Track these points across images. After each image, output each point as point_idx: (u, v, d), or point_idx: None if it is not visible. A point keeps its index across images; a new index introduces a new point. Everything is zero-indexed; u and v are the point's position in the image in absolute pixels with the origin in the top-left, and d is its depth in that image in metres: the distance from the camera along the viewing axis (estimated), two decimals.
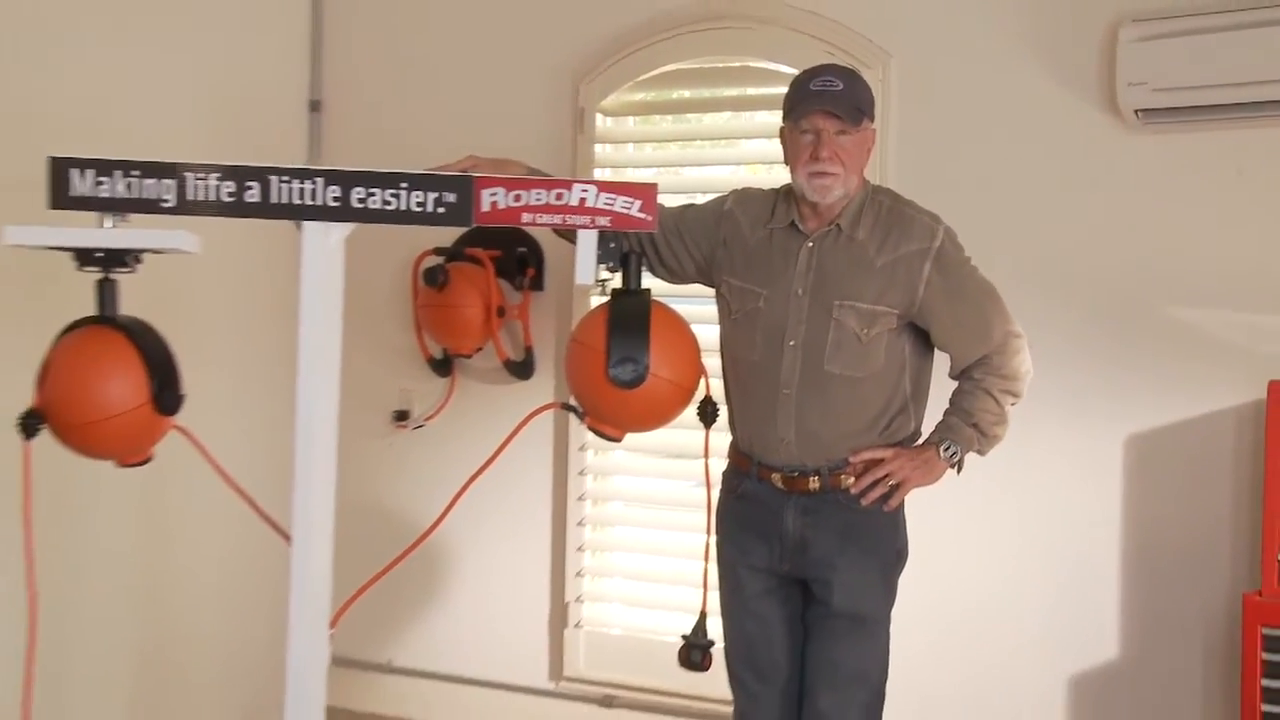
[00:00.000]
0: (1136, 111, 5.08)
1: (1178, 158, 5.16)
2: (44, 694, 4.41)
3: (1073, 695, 5.42)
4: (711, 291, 4.58)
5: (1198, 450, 5.18)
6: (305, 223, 4.08)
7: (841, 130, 4.21)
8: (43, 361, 4.14)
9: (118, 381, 4.12)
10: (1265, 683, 4.62)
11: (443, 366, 6.63)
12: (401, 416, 6.76)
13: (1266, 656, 4.62)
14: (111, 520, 6.09)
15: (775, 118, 4.38)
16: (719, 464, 4.50)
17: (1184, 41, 4.93)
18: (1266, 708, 4.62)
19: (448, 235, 6.34)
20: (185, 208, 4.05)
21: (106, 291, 4.17)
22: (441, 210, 4.06)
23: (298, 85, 7.00)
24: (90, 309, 4.18)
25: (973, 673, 5.53)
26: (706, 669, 4.38)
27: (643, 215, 3.97)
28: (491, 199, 4.03)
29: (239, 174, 4.05)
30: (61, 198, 4.04)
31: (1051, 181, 5.39)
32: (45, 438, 4.11)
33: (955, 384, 4.43)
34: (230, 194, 4.06)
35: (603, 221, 3.98)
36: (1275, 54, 4.77)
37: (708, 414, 4.21)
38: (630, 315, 4.10)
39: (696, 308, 4.48)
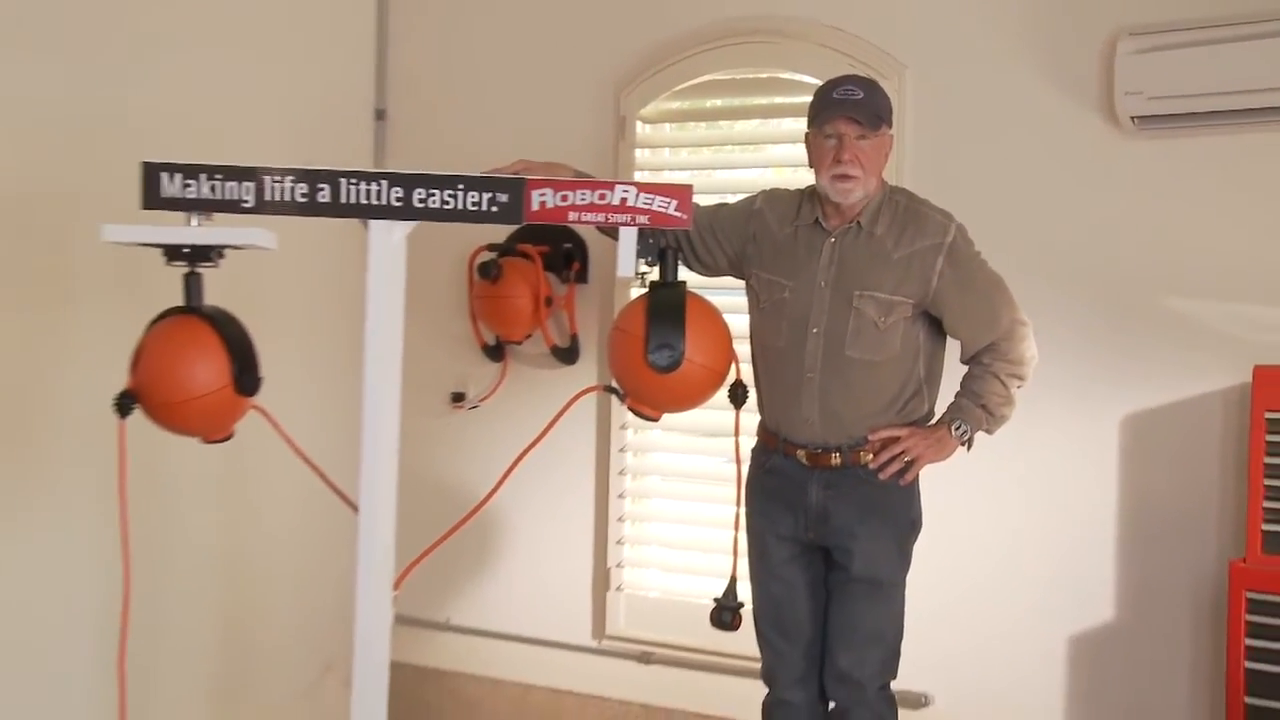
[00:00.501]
0: (1133, 118, 5.06)
1: (1171, 161, 5.14)
2: (137, 649, 4.45)
3: (1072, 654, 5.41)
4: (742, 283, 4.62)
5: (1188, 430, 5.17)
6: (371, 221, 4.11)
7: (861, 135, 4.25)
8: (135, 347, 4.20)
9: (202, 365, 4.16)
10: (1249, 642, 4.61)
11: (495, 352, 6.64)
12: (458, 398, 6.76)
13: (1250, 618, 4.62)
14: (197, 492, 6.15)
15: (801, 124, 4.47)
16: (748, 441, 4.48)
17: (1178, 53, 4.92)
18: (1250, 665, 4.61)
19: (500, 232, 6.33)
20: (263, 207, 4.10)
21: (193, 284, 4.22)
22: (495, 209, 4.08)
23: (364, 96, 7.03)
24: (177, 300, 4.22)
25: (980, 633, 5.52)
26: (736, 629, 4.41)
27: (679, 214, 3.99)
28: (540, 199, 4.04)
29: (311, 177, 4.09)
30: (153, 199, 4.09)
31: (1054, 182, 5.37)
32: (138, 417, 4.16)
33: (965, 368, 4.46)
34: (303, 195, 4.10)
35: (642, 220, 4.00)
36: (1263, 65, 4.75)
37: (738, 396, 4.20)
38: (667, 305, 4.12)
39: (728, 298, 4.48)
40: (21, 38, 5.69)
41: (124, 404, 4.15)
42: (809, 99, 4.39)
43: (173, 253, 4.17)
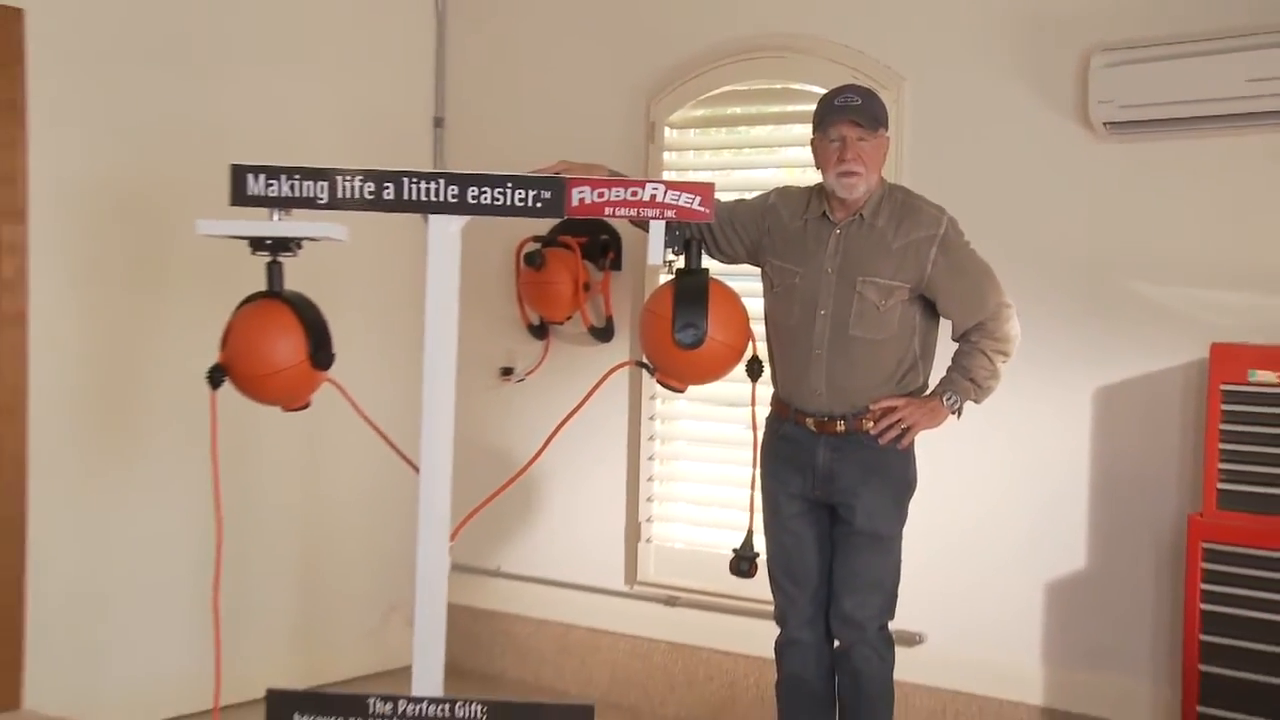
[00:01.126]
0: (1105, 124, 5.06)
1: (1139, 162, 5.14)
2: (228, 591, 4.51)
3: (1048, 598, 5.41)
4: (758, 270, 4.62)
5: (1152, 400, 5.17)
6: (431, 216, 4.16)
7: (862, 137, 4.26)
8: (225, 327, 4.25)
9: (283, 343, 4.23)
10: (1204, 587, 4.65)
11: (539, 332, 6.66)
12: (507, 372, 6.78)
13: (1206, 566, 4.65)
14: (278, 454, 6.26)
15: (809, 130, 4.41)
16: (763, 411, 4.50)
17: (1145, 67, 4.93)
18: (1205, 606, 4.64)
19: (544, 225, 6.38)
20: (335, 204, 4.15)
21: (274, 271, 4.28)
22: (539, 205, 4.12)
23: (424, 106, 7.06)
24: (261, 286, 4.27)
25: (968, 579, 5.53)
26: (752, 576, 4.44)
27: (702, 209, 4.04)
28: (580, 196, 4.08)
29: (378, 177, 4.14)
30: (240, 196, 4.15)
31: (1035, 180, 5.37)
32: (227, 388, 4.23)
33: (956, 345, 4.45)
34: (371, 193, 4.15)
35: (669, 214, 4.04)
36: (1219, 78, 4.74)
37: (754, 370, 4.26)
38: (692, 289, 4.15)
39: (746, 284, 4.51)
40: (135, 62, 5.81)
41: (215, 377, 4.22)
42: (814, 110, 4.41)
43: (257, 244, 4.24)
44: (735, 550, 4.43)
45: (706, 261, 4.29)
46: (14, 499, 5.58)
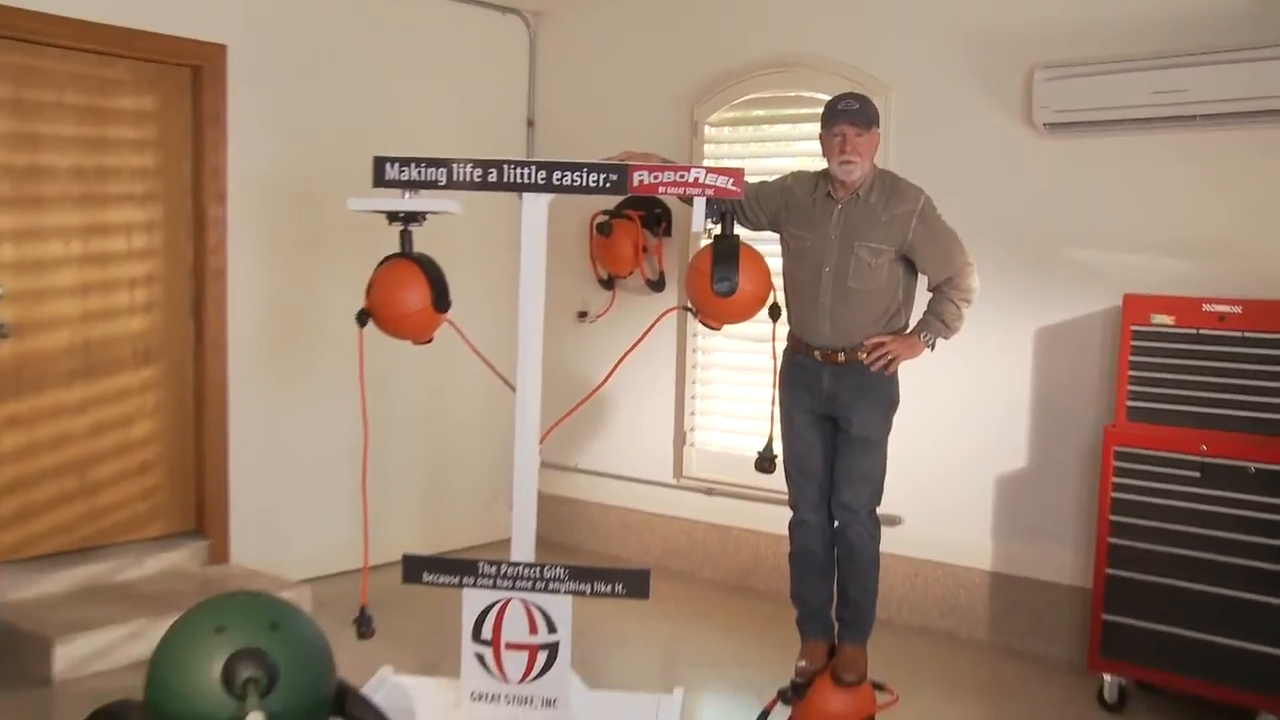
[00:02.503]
0: (1045, 124, 5.12)
1: (1070, 154, 5.17)
2: (373, 480, 4.66)
3: (997, 490, 5.48)
4: (777, 236, 4.57)
5: (1080, 337, 5.20)
6: (525, 194, 4.20)
7: (858, 133, 4.23)
8: (369, 280, 4.30)
9: (412, 292, 4.26)
10: (1115, 480, 4.70)
11: (607, 284, 6.71)
12: (582, 315, 6.84)
13: (1116, 464, 4.70)
14: (409, 378, 6.34)
15: (818, 127, 4.38)
16: (781, 345, 4.48)
17: (1075, 81, 4.97)
18: (1115, 495, 4.70)
19: (611, 201, 6.40)
20: (452, 185, 4.19)
21: (406, 238, 4.32)
22: (608, 185, 4.14)
23: (519, 110, 7.10)
24: (395, 249, 4.33)
25: (936, 475, 5.59)
26: (771, 472, 4.46)
27: (734, 188, 4.04)
28: (639, 178, 4.10)
29: (484, 164, 4.17)
30: (380, 180, 4.21)
31: (991, 167, 5.39)
32: (371, 328, 4.29)
33: (930, 295, 4.43)
34: (479, 176, 4.18)
35: (709, 192, 4.06)
36: (1130, 91, 4.80)
37: (775, 313, 4.28)
38: (726, 251, 4.16)
39: (768, 247, 4.50)
40: (304, 82, 5.94)
41: (361, 318, 4.29)
42: (821, 112, 4.37)
43: (392, 216, 4.30)
44: (759, 452, 4.44)
45: (737, 229, 4.30)
46: (219, 408, 5.78)
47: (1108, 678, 4.79)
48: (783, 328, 4.44)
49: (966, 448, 5.56)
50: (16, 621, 4.86)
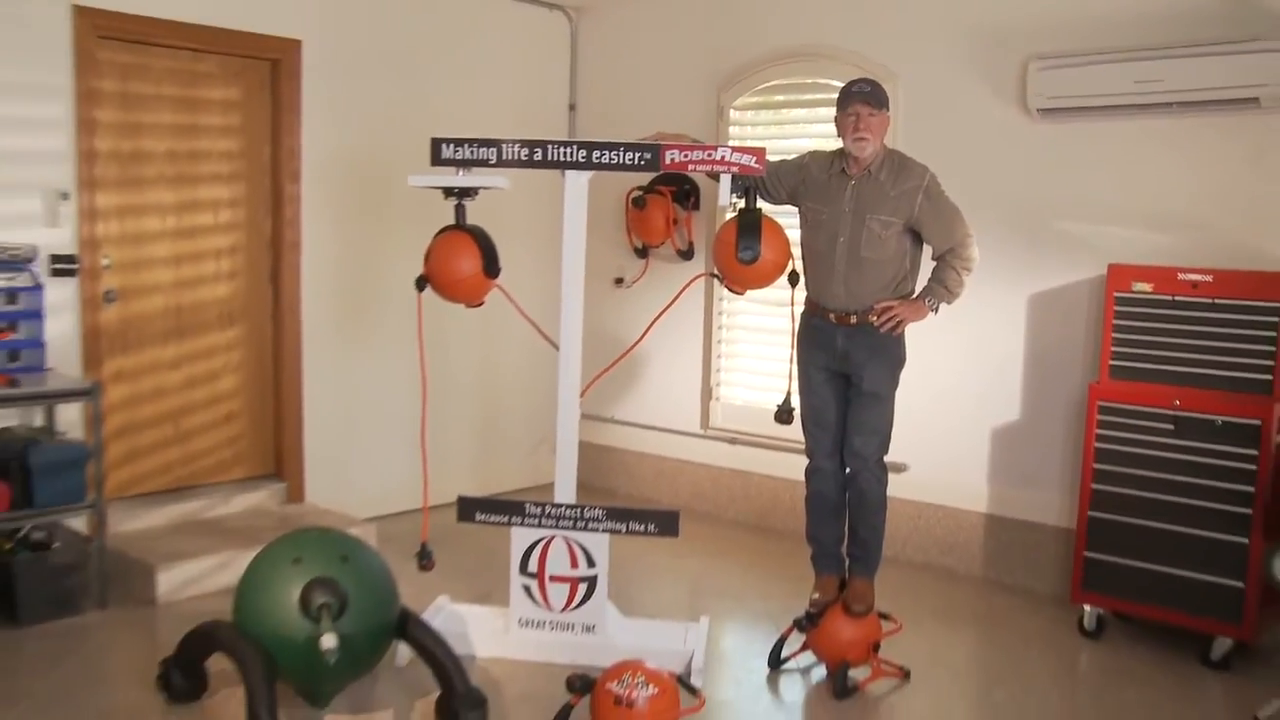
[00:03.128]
0: (1038, 110, 5.09)
1: (1061, 137, 5.14)
2: (431, 429, 4.74)
3: (993, 440, 5.48)
4: (796, 210, 4.52)
5: (1068, 303, 5.19)
6: (567, 171, 4.26)
7: (871, 114, 4.20)
8: (427, 249, 4.37)
9: (465, 260, 4.32)
10: (1098, 431, 4.72)
11: (641, 253, 6.69)
12: (619, 281, 6.82)
13: (1100, 417, 4.71)
14: (462, 338, 6.37)
15: (831, 112, 4.36)
16: (799, 308, 4.48)
17: (1065, 71, 4.95)
18: (1098, 445, 4.71)
19: (645, 178, 6.39)
20: (501, 163, 4.25)
21: (460, 211, 4.39)
22: (642, 163, 4.19)
23: (561, 95, 7.07)
24: (450, 221, 4.39)
25: (939, 427, 5.59)
26: (789, 424, 4.48)
27: (757, 166, 4.11)
28: (671, 156, 4.16)
29: (530, 144, 4.23)
30: (436, 159, 4.29)
31: (989, 148, 5.36)
32: (429, 292, 4.36)
33: (934, 263, 4.39)
34: (526, 155, 4.24)
35: (734, 169, 4.12)
36: (1115, 80, 4.79)
37: (793, 280, 4.31)
38: (749, 222, 4.21)
39: (787, 220, 4.47)
40: (370, 73, 5.96)
41: (420, 283, 4.37)
42: (837, 96, 4.33)
43: (448, 191, 4.36)
44: (778, 405, 4.47)
45: (760, 203, 4.31)
46: (294, 365, 5.85)
47: (1087, 608, 4.82)
48: (800, 293, 4.44)
49: (966, 402, 5.55)
50: (126, 550, 4.98)
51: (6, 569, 4.54)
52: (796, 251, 4.41)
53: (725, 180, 4.19)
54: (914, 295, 4.42)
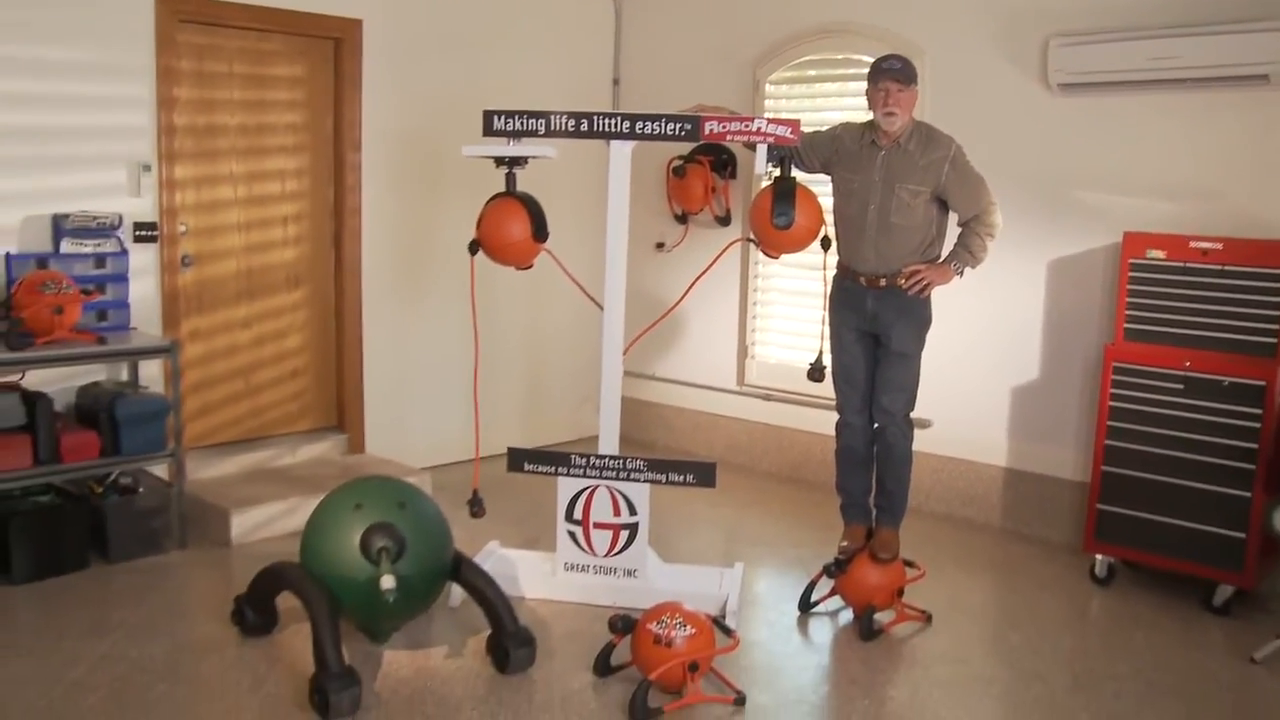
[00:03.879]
0: (1058, 85, 5.07)
1: (1079, 111, 5.11)
2: (483, 382, 4.78)
3: (1012, 398, 5.49)
4: (829, 179, 4.51)
5: (1086, 269, 5.17)
6: (612, 141, 4.28)
7: (900, 89, 4.19)
8: (479, 214, 4.41)
9: (515, 225, 4.35)
10: (1112, 391, 4.73)
11: (681, 219, 6.68)
12: (660, 245, 6.81)
13: (1114, 377, 4.72)
14: (512, 298, 6.37)
15: (862, 86, 4.37)
16: (831, 272, 4.48)
17: (1084, 48, 4.93)
18: (1112, 404, 4.72)
19: (685, 148, 6.38)
20: (550, 134, 4.27)
21: (510, 178, 4.42)
22: (682, 134, 4.21)
23: (606, 70, 7.06)
24: (501, 188, 4.41)
25: (961, 385, 5.58)
26: (821, 381, 4.51)
27: (792, 136, 4.14)
28: (710, 127, 4.17)
29: (577, 116, 4.25)
30: (489, 130, 4.32)
31: (1012, 121, 5.33)
32: (480, 256, 4.41)
33: (960, 230, 4.40)
34: (572, 126, 4.26)
35: (770, 139, 4.14)
36: (1131, 57, 4.76)
37: (826, 244, 4.33)
38: (784, 190, 4.23)
39: (821, 188, 4.51)
40: (427, 50, 5.96)
41: (473, 247, 4.41)
42: (867, 70, 4.32)
43: (499, 160, 4.39)
44: (810, 364, 4.49)
45: (794, 172, 4.31)
46: (355, 324, 5.91)
47: (1099, 557, 4.85)
48: (832, 257, 4.45)
49: (987, 362, 5.55)
50: (203, 496, 5.11)
51: (98, 511, 4.69)
52: (829, 218, 4.41)
53: (761, 150, 4.19)
54: (940, 260, 4.42)
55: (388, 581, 3.57)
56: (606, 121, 4.25)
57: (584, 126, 4.27)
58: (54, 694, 3.53)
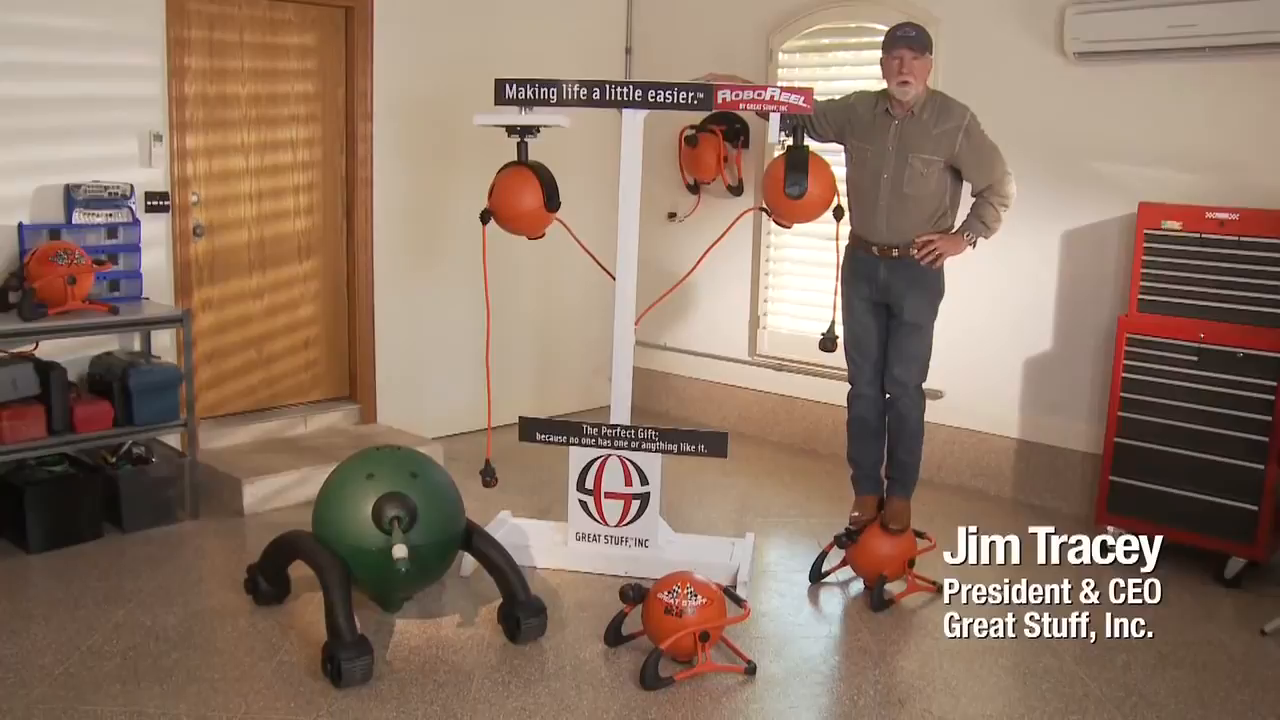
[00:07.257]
0: (1074, 53, 5.05)
1: (1096, 80, 5.09)
2: (495, 352, 4.79)
3: (1025, 370, 5.49)
4: (842, 148, 4.50)
5: (1100, 240, 5.16)
6: (624, 109, 4.27)
7: (914, 57, 4.17)
8: (491, 184, 4.41)
9: (527, 194, 4.36)
10: (1126, 362, 4.74)
11: (693, 189, 6.65)
12: (672, 215, 6.78)
13: (1128, 349, 4.73)
14: (524, 267, 6.36)
15: (876, 55, 4.37)
16: (844, 242, 4.48)
17: (1101, 16, 4.91)
18: (1125, 375, 4.73)
19: (698, 117, 6.34)
20: (562, 103, 4.25)
21: (522, 148, 4.43)
22: (695, 102, 4.21)
23: (618, 39, 7.02)
24: (513, 157, 4.42)
25: (973, 356, 5.57)
26: (833, 351, 4.53)
27: (805, 105, 4.13)
28: (723, 96, 4.17)
29: (589, 84, 4.25)
30: (500, 99, 4.30)
31: (1028, 90, 5.30)
32: (492, 225, 4.41)
33: (974, 200, 4.37)
34: (585, 95, 4.25)
35: (783, 108, 4.13)
36: (1149, 25, 4.74)
37: (838, 214, 4.34)
38: (797, 159, 4.24)
39: (833, 157, 4.52)
40: (437, 20, 5.93)
41: (484, 216, 4.42)
42: (881, 40, 4.31)
43: (511, 129, 4.38)
44: (822, 334, 4.50)
45: (807, 141, 4.32)
46: (366, 295, 5.93)
47: (1111, 529, 4.80)
48: (845, 227, 4.45)
49: (1000, 332, 5.54)
50: (215, 465, 5.14)
51: (111, 481, 4.73)
52: (842, 188, 4.40)
53: (774, 119, 4.17)
54: (953, 230, 4.41)
55: (400, 551, 3.60)
56: (619, 90, 4.24)
57: (596, 95, 4.25)
58: (70, 661, 3.57)
